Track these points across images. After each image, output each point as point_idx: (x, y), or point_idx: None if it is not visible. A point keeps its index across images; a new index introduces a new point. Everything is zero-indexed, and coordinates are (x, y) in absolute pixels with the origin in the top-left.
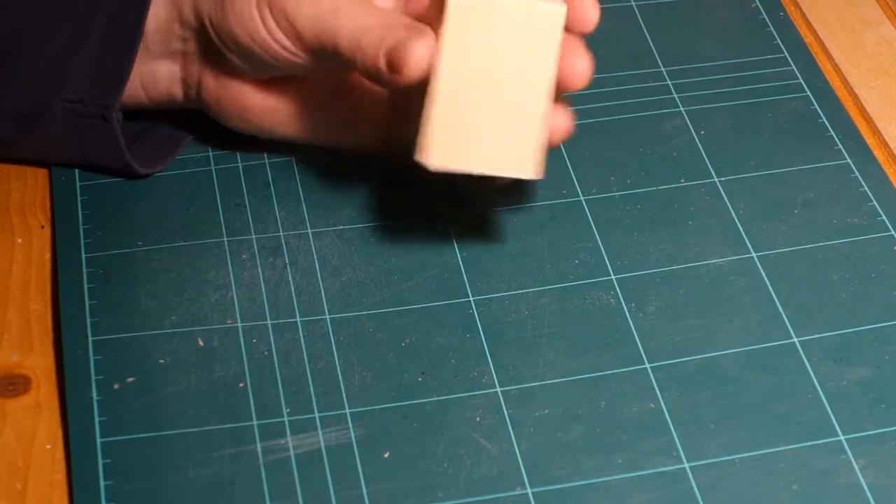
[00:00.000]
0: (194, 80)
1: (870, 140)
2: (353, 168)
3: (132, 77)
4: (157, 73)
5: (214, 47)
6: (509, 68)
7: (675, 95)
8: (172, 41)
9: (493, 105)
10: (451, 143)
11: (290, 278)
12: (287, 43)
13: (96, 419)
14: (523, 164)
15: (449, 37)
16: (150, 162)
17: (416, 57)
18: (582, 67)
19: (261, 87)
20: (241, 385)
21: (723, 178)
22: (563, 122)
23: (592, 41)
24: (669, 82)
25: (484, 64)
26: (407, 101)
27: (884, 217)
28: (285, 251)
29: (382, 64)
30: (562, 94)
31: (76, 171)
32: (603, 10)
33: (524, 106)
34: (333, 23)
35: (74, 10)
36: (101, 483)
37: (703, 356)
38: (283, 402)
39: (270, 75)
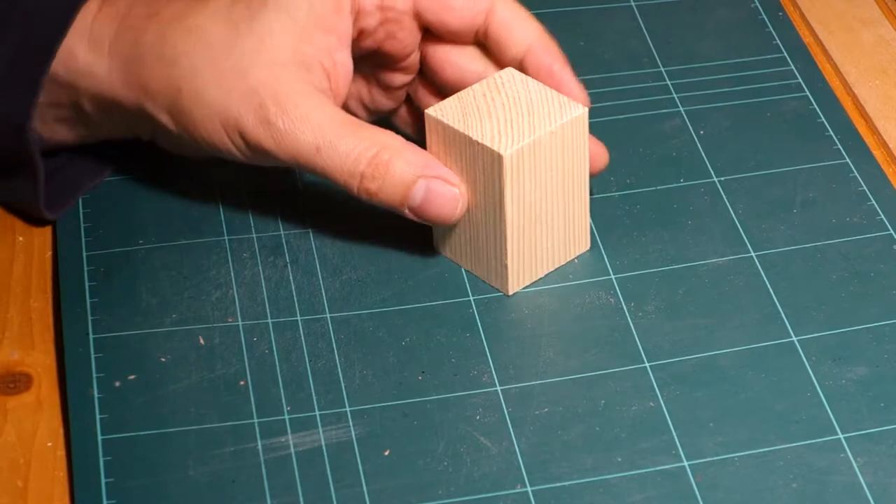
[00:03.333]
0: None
1: (868, 139)
2: None
3: (71, 128)
4: (55, 138)
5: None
6: (555, 177)
7: (675, 95)
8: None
9: (547, 215)
10: (523, 267)
11: (291, 277)
12: (258, 159)
13: (97, 417)
14: (582, 243)
15: (508, 190)
16: (59, 204)
17: (454, 210)
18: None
19: None
20: (242, 383)
21: (722, 178)
22: (603, 155)
23: (592, 40)
24: (669, 82)
25: (537, 187)
26: None
27: (882, 216)
28: (286, 250)
29: (409, 214)
30: None
31: None
32: (603, 11)
33: (571, 198)
34: (317, 160)
35: None
36: (102, 480)
37: (703, 355)
38: (283, 400)
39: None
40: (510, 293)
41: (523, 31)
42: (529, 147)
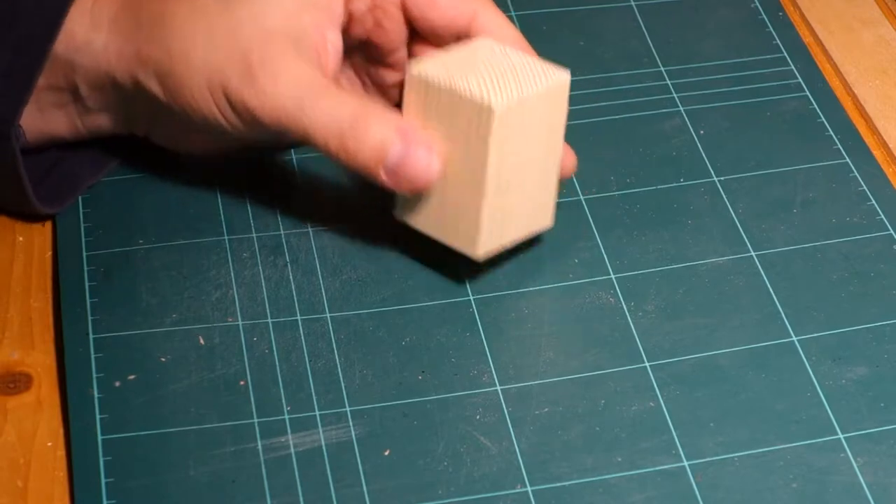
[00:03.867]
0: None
1: (868, 139)
2: None
3: (67, 116)
4: (54, 128)
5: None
6: (534, 142)
7: (675, 95)
8: (106, 95)
9: (523, 180)
10: (493, 231)
11: (291, 277)
12: (244, 126)
13: (97, 417)
14: (547, 218)
15: (493, 147)
16: (57, 199)
17: (430, 175)
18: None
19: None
20: (242, 383)
21: (722, 178)
22: (571, 160)
23: (592, 40)
24: (669, 82)
25: (518, 149)
26: None
27: (882, 216)
28: (286, 249)
29: (383, 175)
30: None
31: None
32: (603, 11)
33: (545, 169)
34: (300, 116)
35: None
36: (102, 480)
37: (703, 355)
38: (283, 400)
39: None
40: (479, 254)
41: (503, 39)
42: (519, 105)
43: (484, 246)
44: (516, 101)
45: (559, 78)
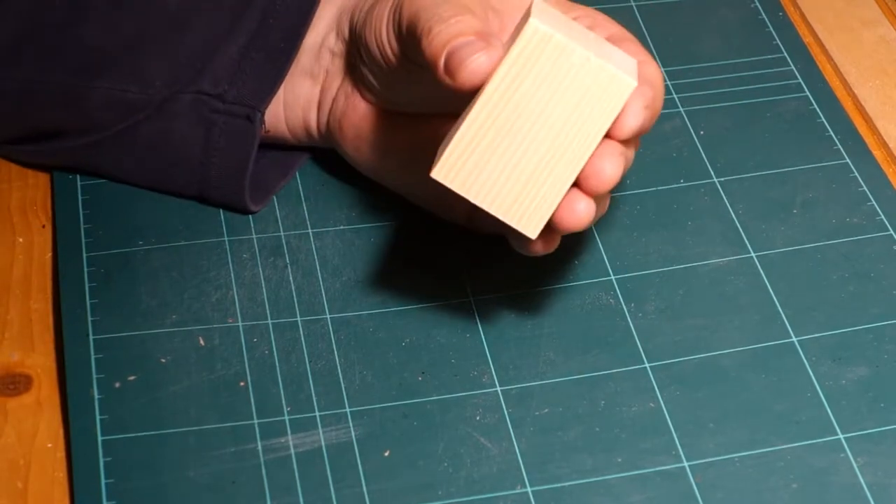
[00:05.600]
0: (328, 104)
1: (868, 140)
2: (353, 169)
3: (276, 97)
4: (299, 93)
5: (354, 62)
6: (556, 120)
7: (675, 95)
8: (323, 56)
9: (525, 149)
10: (465, 165)
11: (291, 278)
12: (393, 40)
13: (97, 417)
14: (529, 221)
15: (510, 60)
16: (258, 197)
17: (473, 67)
18: (610, 170)
19: (382, 120)
20: (242, 384)
21: (722, 179)
22: (580, 209)
23: None
24: (669, 82)
25: (532, 104)
26: None
27: (882, 217)
28: (286, 251)
29: (441, 61)
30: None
31: None
32: (603, 11)
33: (555, 165)
34: (419, 6)
35: (220, 5)
36: (102, 481)
37: (703, 356)
38: (283, 401)
39: (396, 103)
40: (436, 176)
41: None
42: (556, 45)
43: (446, 172)
44: (561, 38)
45: (620, 75)
